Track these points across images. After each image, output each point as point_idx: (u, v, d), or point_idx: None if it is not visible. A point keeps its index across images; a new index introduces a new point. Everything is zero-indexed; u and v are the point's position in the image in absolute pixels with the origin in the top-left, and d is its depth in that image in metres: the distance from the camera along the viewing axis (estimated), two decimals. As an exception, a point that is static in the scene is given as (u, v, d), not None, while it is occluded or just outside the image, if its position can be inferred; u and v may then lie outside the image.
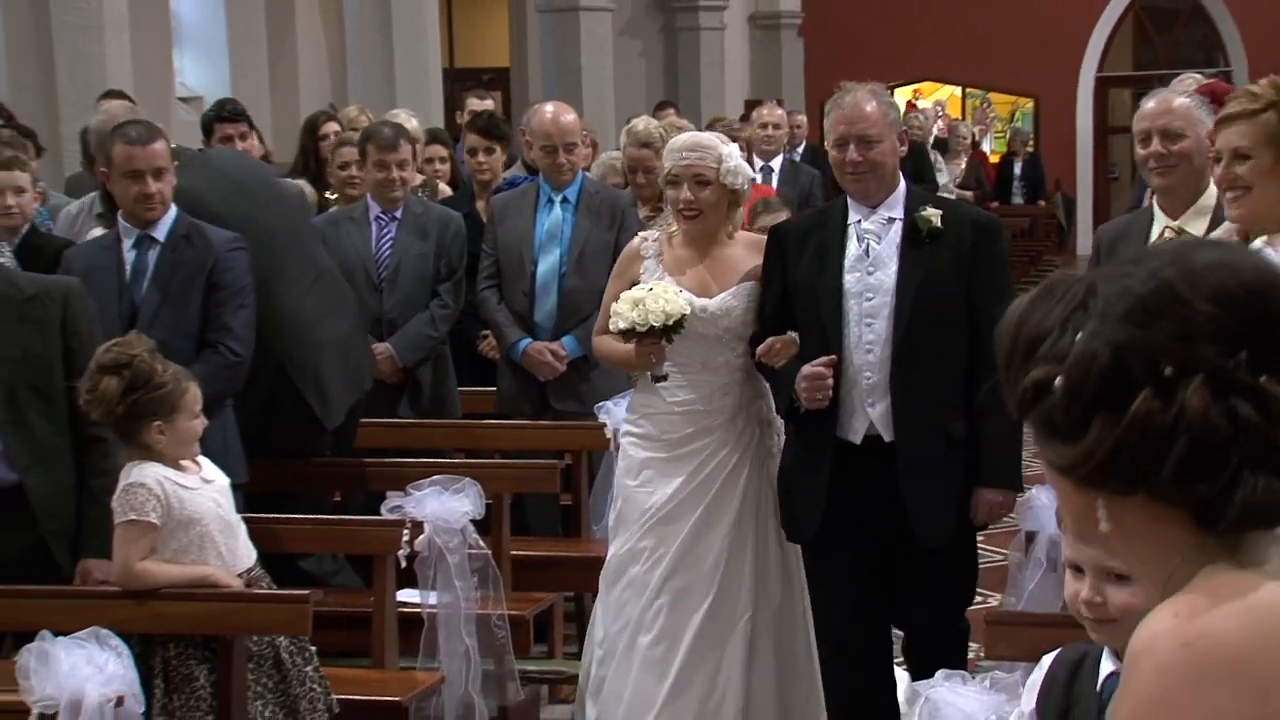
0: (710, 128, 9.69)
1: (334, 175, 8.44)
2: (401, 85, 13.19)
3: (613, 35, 18.26)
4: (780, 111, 12.56)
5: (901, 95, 23.52)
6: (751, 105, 15.82)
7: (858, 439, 4.93)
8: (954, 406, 4.91)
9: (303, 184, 8.31)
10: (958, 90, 25.26)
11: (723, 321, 5.18)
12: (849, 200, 5.07)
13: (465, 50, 23.45)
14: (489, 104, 10.63)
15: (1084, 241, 23.87)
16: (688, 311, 4.99)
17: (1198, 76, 8.96)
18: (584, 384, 6.93)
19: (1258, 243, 4.42)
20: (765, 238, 5.37)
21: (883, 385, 4.90)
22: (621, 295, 5.09)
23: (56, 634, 4.03)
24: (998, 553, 8.56)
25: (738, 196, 5.31)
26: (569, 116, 7.45)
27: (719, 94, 20.90)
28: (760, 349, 4.99)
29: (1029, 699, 3.06)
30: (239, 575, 4.79)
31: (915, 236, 4.91)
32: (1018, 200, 22.01)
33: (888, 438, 4.91)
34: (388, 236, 7.31)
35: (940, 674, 3.57)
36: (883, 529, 4.93)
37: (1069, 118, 24.72)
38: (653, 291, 5.00)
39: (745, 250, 5.33)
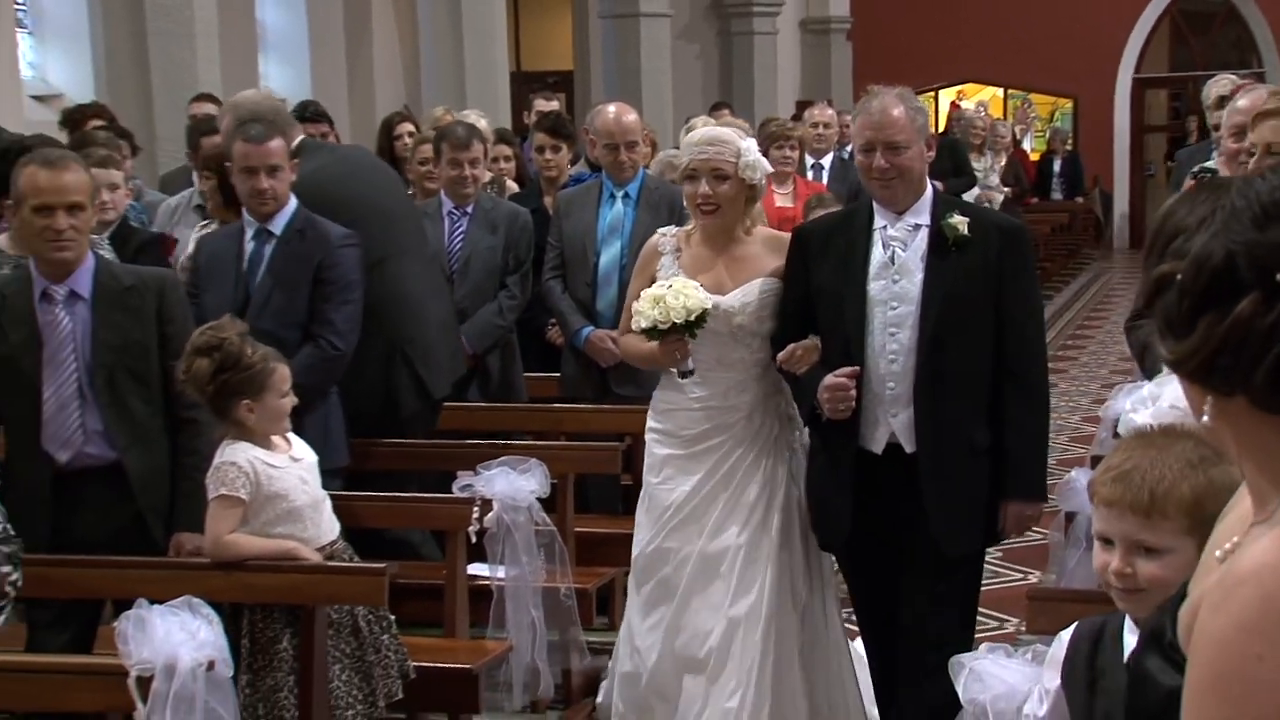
0: (764, 127, 9.70)
1: (413, 171, 8.47)
2: (471, 87, 13.21)
3: (671, 40, 18.24)
4: (830, 111, 12.46)
5: (946, 96, 23.49)
6: (803, 106, 15.70)
7: (879, 449, 4.61)
8: (977, 416, 4.57)
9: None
10: (1000, 91, 25.03)
11: (736, 318, 4.82)
12: (874, 205, 4.68)
13: (531, 54, 23.48)
14: (555, 105, 10.65)
15: (1120, 235, 23.92)
16: (709, 306, 4.68)
17: (1232, 77, 8.84)
18: (642, 370, 6.84)
19: None
20: (785, 235, 5.07)
21: (906, 395, 4.55)
22: (642, 294, 4.79)
23: (152, 602, 4.04)
24: (1038, 532, 8.54)
25: (755, 191, 4.95)
26: (630, 117, 7.46)
27: (771, 95, 20.82)
28: (781, 356, 4.69)
29: (1052, 676, 3.04)
30: (322, 548, 4.82)
31: (941, 244, 4.52)
32: (1057, 196, 21.97)
33: (909, 448, 4.58)
34: (459, 231, 7.30)
35: (984, 647, 3.56)
36: (905, 539, 4.61)
37: (1107, 117, 24.44)
38: (673, 288, 4.69)
39: (763, 247, 4.97)
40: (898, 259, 4.56)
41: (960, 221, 4.49)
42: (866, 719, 5.06)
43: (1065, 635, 3.03)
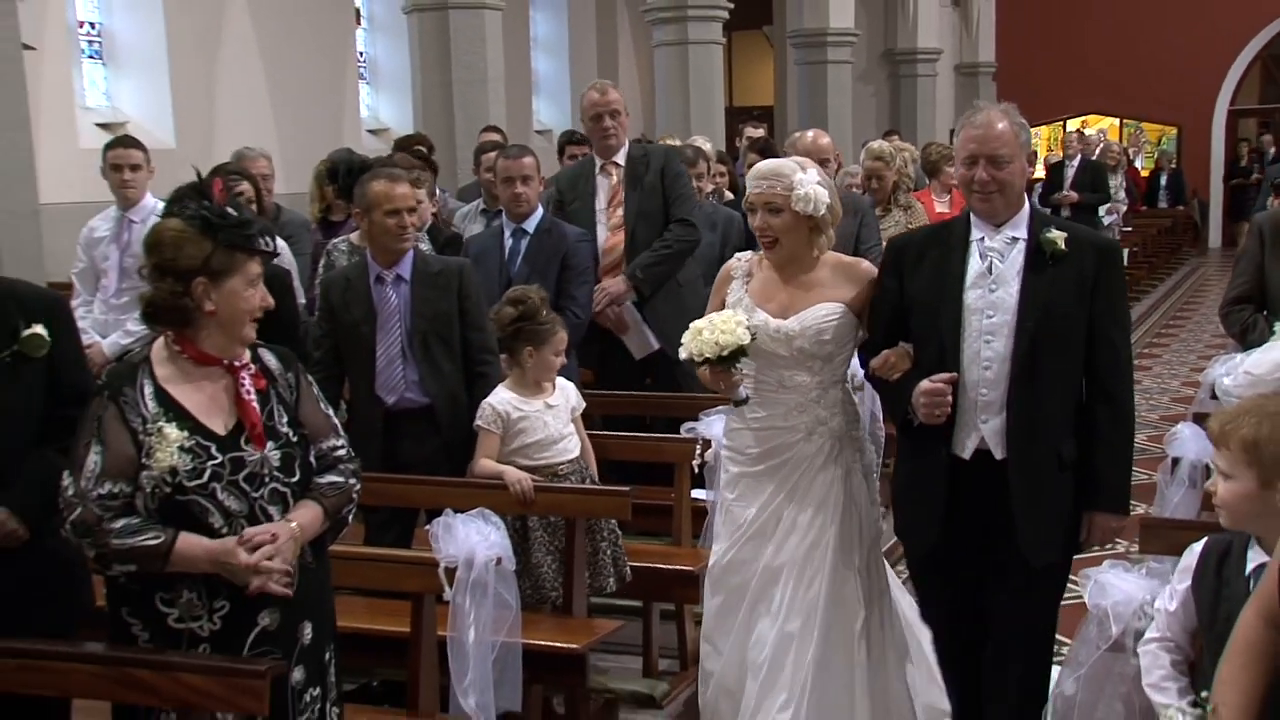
0: (925, 150, 9.60)
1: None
2: (695, 119, 13.17)
3: (851, 81, 18.07)
4: None
5: (1073, 125, 22.91)
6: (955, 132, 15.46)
7: (967, 455, 3.84)
8: (1066, 428, 3.81)
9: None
10: (1116, 121, 24.41)
11: (796, 342, 4.00)
12: (972, 217, 3.92)
13: (741, 93, 23.38)
14: (761, 131, 10.60)
15: (1214, 237, 23.24)
16: (745, 342, 3.93)
17: None
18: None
19: None
20: (852, 261, 4.26)
21: (998, 403, 3.79)
22: (692, 325, 4.05)
23: (455, 512, 4.12)
24: (1144, 473, 8.34)
25: (817, 222, 4.02)
26: (825, 140, 7.37)
27: (930, 125, 20.56)
28: (875, 362, 3.96)
29: (1182, 580, 2.96)
30: (559, 465, 4.93)
31: (1039, 258, 3.78)
32: (1163, 205, 21.56)
33: (999, 455, 3.80)
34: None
35: (1106, 563, 3.49)
36: (987, 546, 3.85)
37: (1205, 141, 23.74)
38: (713, 322, 3.97)
39: (831, 273, 4.11)
40: (995, 269, 3.82)
41: (1058, 236, 3.77)
42: (914, 713, 4.22)
43: (1196, 548, 2.96)
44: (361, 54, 15.91)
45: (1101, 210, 15.86)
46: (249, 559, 3.09)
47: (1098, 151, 16.69)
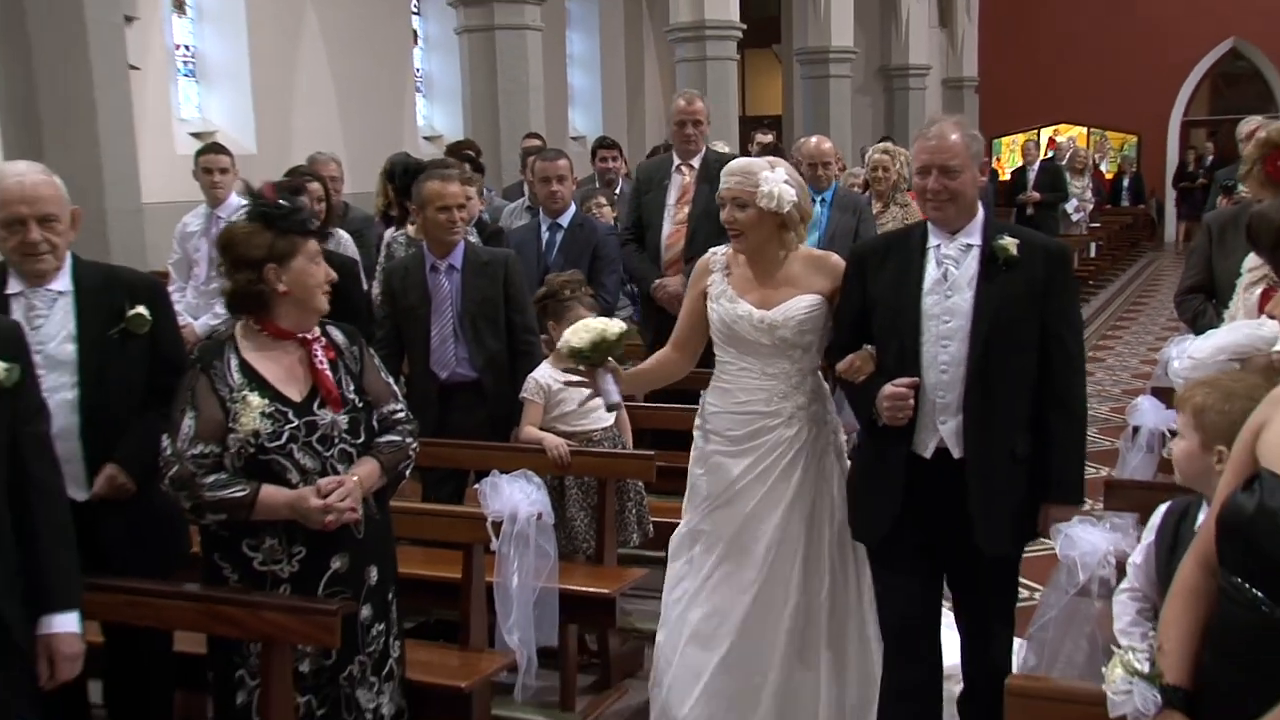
0: (916, 154, 9.57)
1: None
2: (712, 126, 13.13)
3: (851, 94, 18.03)
4: None
5: (1045, 133, 22.79)
6: None
7: (928, 454, 3.51)
8: (1020, 426, 3.49)
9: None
10: (1084, 129, 24.11)
11: (779, 332, 3.68)
12: (929, 225, 3.60)
13: (753, 103, 23.24)
14: (770, 138, 10.54)
15: (1169, 232, 23.16)
16: (611, 336, 3.72)
17: (1259, 119, 8.38)
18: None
19: None
20: (822, 254, 3.91)
21: (955, 404, 3.47)
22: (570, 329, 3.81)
23: (502, 472, 4.11)
24: (1107, 439, 8.27)
25: (784, 219, 3.70)
26: (827, 145, 7.29)
27: (921, 132, 20.47)
28: (841, 366, 3.62)
29: (1148, 537, 2.94)
30: (593, 432, 4.91)
31: (992, 264, 3.47)
32: (1125, 204, 21.34)
33: (956, 454, 3.49)
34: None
35: (1075, 518, 3.46)
36: (945, 537, 3.54)
37: (1162, 149, 23.48)
38: (587, 323, 3.79)
39: (802, 267, 3.78)
40: (950, 276, 3.50)
41: (1010, 243, 3.46)
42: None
43: (1162, 509, 2.94)
44: (418, 70, 15.94)
45: (1070, 208, 15.82)
46: (321, 503, 3.13)
47: (1067, 156, 16.68)
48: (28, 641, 2.87)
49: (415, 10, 15.88)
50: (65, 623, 2.92)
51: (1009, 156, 23.57)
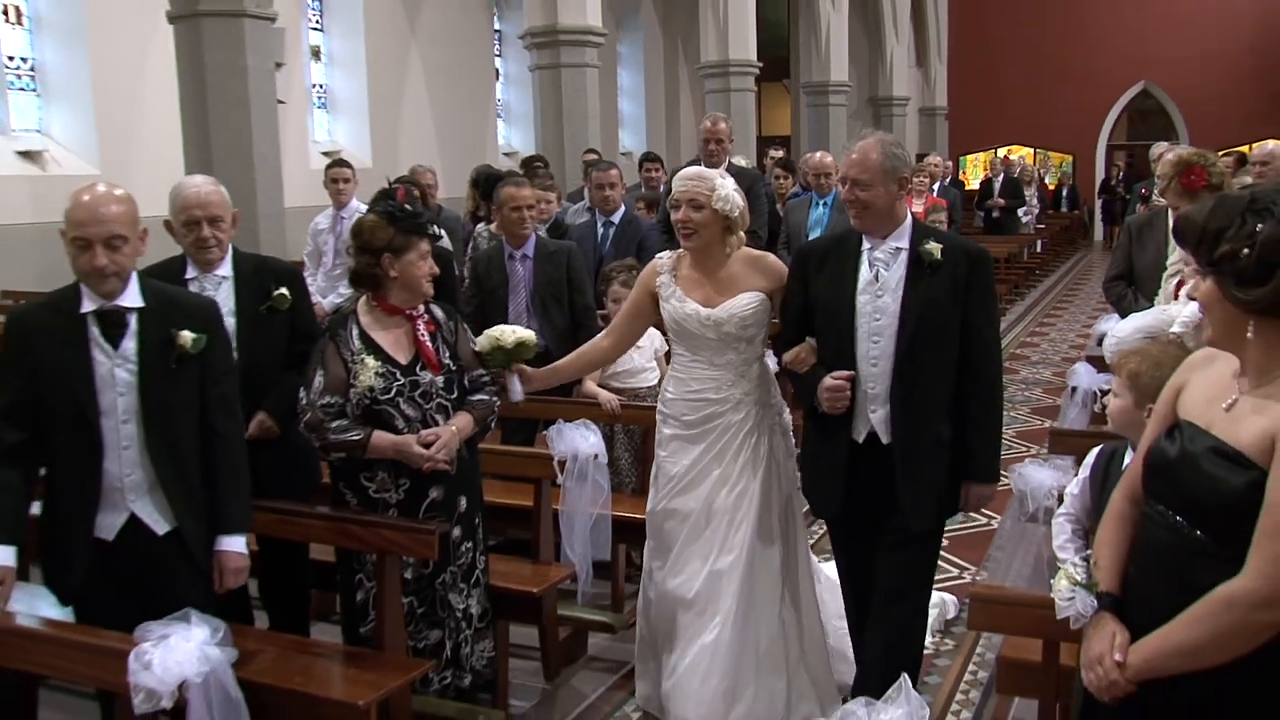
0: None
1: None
2: (735, 145, 13.06)
3: (846, 118, 17.91)
4: (937, 158, 12.74)
5: (1001, 152, 22.49)
6: (920, 155, 15.45)
7: (860, 439, 3.17)
8: (942, 413, 3.12)
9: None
10: (1031, 150, 23.83)
11: (724, 328, 3.31)
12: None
13: (767, 124, 23.01)
14: (782, 153, 10.43)
15: (1098, 232, 23.06)
16: (507, 345, 3.38)
17: (1165, 144, 8.30)
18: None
19: None
20: (760, 255, 3.47)
21: (883, 395, 3.12)
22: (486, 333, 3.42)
23: (565, 421, 4.09)
24: (1050, 398, 8.17)
25: (731, 223, 3.34)
26: (828, 159, 7.20)
27: (906, 150, 20.45)
28: (787, 357, 3.25)
29: (1084, 472, 2.90)
30: (639, 390, 4.80)
31: (918, 266, 3.11)
32: (1064, 209, 21.06)
33: (885, 440, 3.14)
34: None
35: (1026, 460, 3.40)
36: (882, 514, 3.18)
37: (1091, 166, 23.44)
38: (501, 332, 3.41)
39: (743, 267, 3.38)
40: (881, 277, 3.14)
41: (935, 248, 3.11)
42: (825, 636, 3.52)
43: (1095, 451, 2.89)
44: (499, 99, 15.95)
45: (1020, 211, 15.66)
46: (421, 451, 3.13)
47: (1018, 171, 16.56)
48: (205, 555, 2.90)
49: (498, 53, 15.89)
50: (234, 543, 2.94)
51: (973, 170, 23.56)
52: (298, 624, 3.64)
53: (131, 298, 2.81)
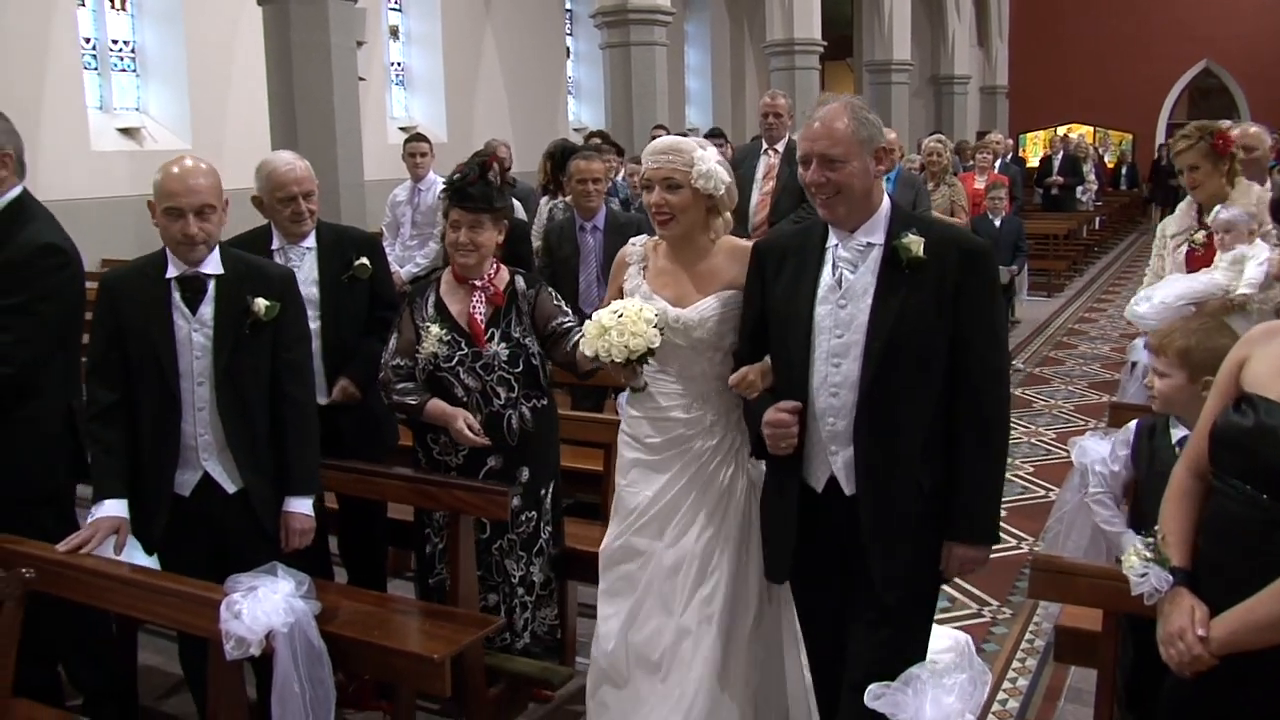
0: (960, 144, 9.26)
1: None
2: (797, 121, 12.86)
3: (908, 97, 17.54)
4: (999, 135, 12.06)
5: (1060, 130, 21.90)
6: (981, 133, 15.09)
7: (819, 486, 2.36)
8: (925, 455, 2.28)
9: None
10: (1090, 127, 23.26)
11: (695, 332, 2.59)
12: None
13: (828, 105, 22.74)
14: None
15: (1156, 211, 22.49)
16: (655, 345, 2.51)
17: (1227, 122, 7.98)
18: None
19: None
20: (745, 245, 2.63)
21: (846, 433, 2.30)
22: (595, 315, 2.57)
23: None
24: (1110, 373, 7.92)
25: (715, 202, 2.64)
26: (891, 135, 6.91)
27: (964, 127, 19.88)
28: (733, 379, 2.45)
29: (1122, 449, 2.81)
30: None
31: (895, 266, 2.28)
32: (1123, 188, 20.47)
33: (849, 490, 2.32)
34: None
35: (1088, 433, 3.25)
36: (848, 578, 2.38)
37: (1151, 145, 22.62)
38: (623, 319, 2.51)
39: (726, 259, 2.64)
40: (845, 282, 2.31)
41: (914, 242, 2.27)
42: (811, 714, 2.68)
43: (1131, 426, 2.82)
44: (570, 76, 15.86)
45: (1079, 189, 15.24)
46: (461, 427, 3.12)
47: (1073, 146, 16.17)
48: (271, 514, 2.89)
49: (569, 32, 15.79)
50: (300, 505, 2.92)
51: (1033, 148, 23.00)
52: (375, 580, 3.65)
53: (212, 265, 2.81)
